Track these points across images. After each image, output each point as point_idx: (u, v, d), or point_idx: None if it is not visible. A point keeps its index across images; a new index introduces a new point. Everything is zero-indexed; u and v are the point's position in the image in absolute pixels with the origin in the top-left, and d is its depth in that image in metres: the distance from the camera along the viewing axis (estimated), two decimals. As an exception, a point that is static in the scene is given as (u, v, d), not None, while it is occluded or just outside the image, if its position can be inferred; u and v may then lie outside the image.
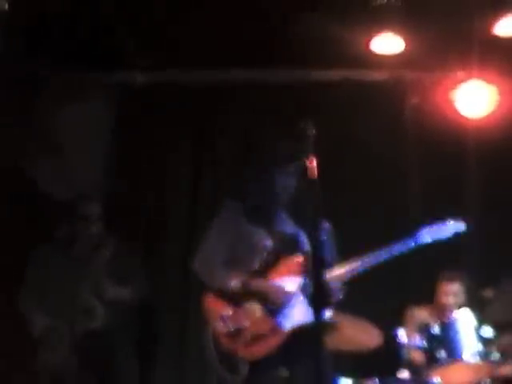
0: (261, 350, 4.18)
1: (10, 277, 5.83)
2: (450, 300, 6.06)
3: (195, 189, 7.03)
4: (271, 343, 4.18)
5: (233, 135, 7.07)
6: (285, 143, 4.46)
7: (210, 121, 7.13)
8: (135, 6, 5.97)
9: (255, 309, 4.25)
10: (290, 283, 4.27)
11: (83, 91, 6.82)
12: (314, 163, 3.71)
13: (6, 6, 5.30)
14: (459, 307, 6.04)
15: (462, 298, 6.09)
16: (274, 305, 4.22)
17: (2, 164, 6.20)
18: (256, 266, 4.34)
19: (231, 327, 4.25)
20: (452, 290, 6.10)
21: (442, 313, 6.05)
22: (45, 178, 6.48)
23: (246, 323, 4.24)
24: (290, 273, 4.29)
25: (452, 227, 4.66)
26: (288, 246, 4.38)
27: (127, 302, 5.66)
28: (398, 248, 4.41)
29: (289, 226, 4.51)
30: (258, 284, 4.27)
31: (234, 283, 4.30)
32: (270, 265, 4.34)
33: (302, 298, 4.24)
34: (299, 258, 4.32)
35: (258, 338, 4.20)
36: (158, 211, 6.98)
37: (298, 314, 4.17)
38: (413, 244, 4.49)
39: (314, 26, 5.95)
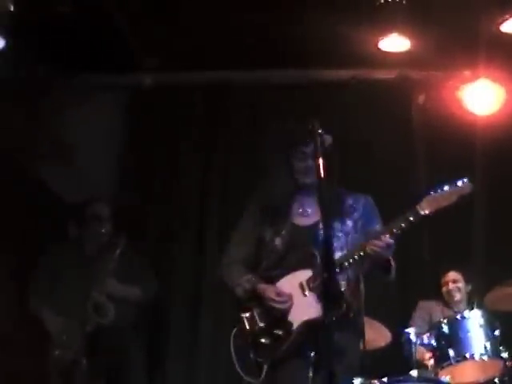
0: (277, 351, 4.14)
1: (22, 276, 5.86)
2: (451, 286, 6.38)
3: (205, 188, 7.05)
4: (286, 343, 4.14)
5: (241, 135, 7.08)
6: (292, 125, 4.37)
7: (219, 121, 7.14)
8: (142, 8, 5.98)
9: (267, 310, 4.23)
10: (296, 279, 4.18)
11: (92, 93, 6.85)
12: (321, 163, 3.72)
13: (12, 7, 5.29)
14: (462, 293, 6.37)
15: (462, 283, 6.39)
16: (280, 307, 4.18)
17: (14, 165, 6.23)
18: (268, 266, 4.29)
19: (248, 330, 4.23)
20: (451, 277, 6.41)
21: (448, 301, 6.41)
22: (56, 178, 6.51)
23: (261, 325, 4.23)
24: (299, 267, 4.16)
25: (455, 189, 4.04)
26: (299, 240, 4.23)
27: (137, 300, 5.68)
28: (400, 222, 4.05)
29: (305, 218, 4.32)
30: (262, 287, 4.21)
31: (247, 287, 4.27)
32: (280, 264, 4.25)
33: (309, 292, 4.12)
34: (310, 250, 4.13)
35: (274, 339, 4.16)
36: (168, 211, 7.00)
37: (306, 310, 4.11)
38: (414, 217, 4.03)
39: (321, 25, 5.96)
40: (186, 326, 6.74)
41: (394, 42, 6.27)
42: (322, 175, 3.64)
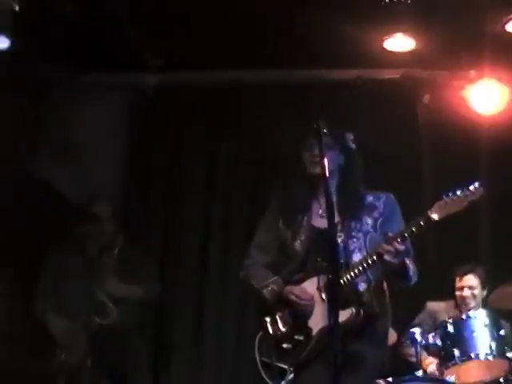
0: (298, 357, 4.11)
1: (25, 277, 5.86)
2: (466, 293, 6.12)
3: (208, 188, 7.05)
4: (306, 350, 4.08)
5: (247, 135, 7.08)
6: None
7: (223, 121, 7.14)
8: (147, 8, 5.99)
9: (290, 313, 4.16)
10: (315, 284, 4.10)
11: (96, 93, 6.86)
12: (326, 162, 3.71)
13: (17, 7, 5.30)
14: (478, 300, 6.11)
15: (479, 290, 6.13)
16: (302, 309, 4.13)
17: (18, 165, 6.24)
18: (290, 272, 4.22)
19: (271, 334, 4.18)
20: (467, 283, 6.15)
21: (461, 306, 6.15)
22: (59, 178, 6.51)
23: (283, 329, 4.17)
24: (318, 272, 4.07)
25: (466, 194, 3.96)
26: (319, 243, 4.10)
27: (139, 300, 5.67)
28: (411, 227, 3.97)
29: (324, 220, 4.01)
30: (288, 289, 4.16)
31: (275, 288, 4.20)
32: (301, 269, 4.19)
33: (323, 296, 4.06)
34: (326, 254, 3.93)
35: (295, 345, 4.12)
36: (172, 211, 7.00)
37: (324, 316, 4.03)
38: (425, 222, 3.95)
39: (326, 25, 5.96)
40: (190, 326, 6.75)
41: (399, 42, 6.27)
42: (327, 174, 3.67)
